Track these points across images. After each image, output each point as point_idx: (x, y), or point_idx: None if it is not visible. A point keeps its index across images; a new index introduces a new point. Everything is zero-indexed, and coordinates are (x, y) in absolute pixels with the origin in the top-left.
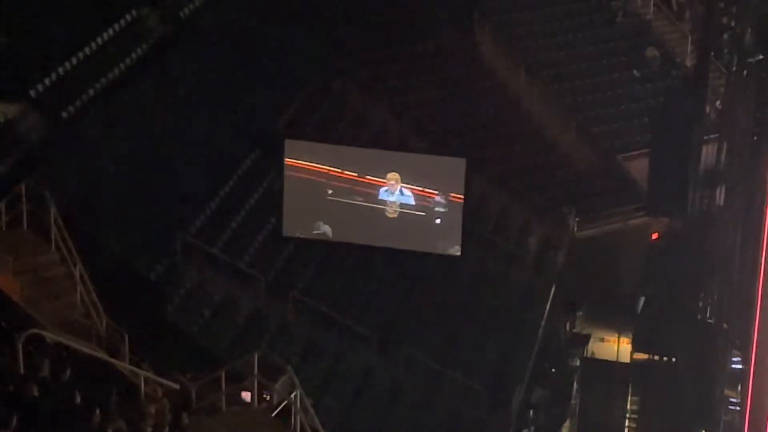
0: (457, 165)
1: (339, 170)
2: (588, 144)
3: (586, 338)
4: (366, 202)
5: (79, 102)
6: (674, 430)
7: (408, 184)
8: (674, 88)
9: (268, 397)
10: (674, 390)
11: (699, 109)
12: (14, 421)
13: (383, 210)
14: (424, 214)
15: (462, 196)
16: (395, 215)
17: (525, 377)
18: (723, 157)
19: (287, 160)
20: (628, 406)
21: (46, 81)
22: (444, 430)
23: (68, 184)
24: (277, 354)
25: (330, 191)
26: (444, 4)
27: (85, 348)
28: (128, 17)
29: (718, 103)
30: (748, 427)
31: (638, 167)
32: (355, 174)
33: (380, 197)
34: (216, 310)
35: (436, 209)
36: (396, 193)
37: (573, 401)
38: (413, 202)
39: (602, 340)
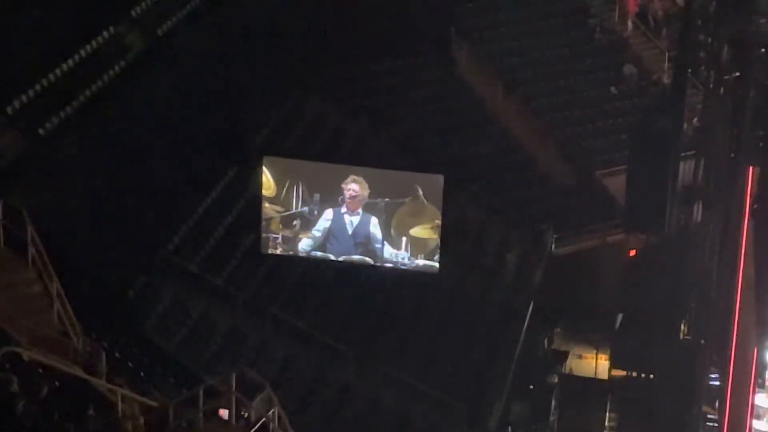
0: (436, 182)
1: None
2: (566, 160)
3: (564, 355)
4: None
5: (57, 119)
6: None
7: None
8: (651, 105)
9: (246, 415)
10: (652, 406)
11: (676, 125)
12: None
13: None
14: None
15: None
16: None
17: (503, 394)
18: (700, 174)
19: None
20: (606, 423)
21: (23, 98)
22: None
23: (45, 201)
24: (255, 371)
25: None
26: (421, 21)
27: (62, 365)
28: (105, 34)
29: (695, 119)
30: None
31: (616, 184)
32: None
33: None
34: (194, 327)
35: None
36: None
37: (551, 418)
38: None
39: (580, 356)
